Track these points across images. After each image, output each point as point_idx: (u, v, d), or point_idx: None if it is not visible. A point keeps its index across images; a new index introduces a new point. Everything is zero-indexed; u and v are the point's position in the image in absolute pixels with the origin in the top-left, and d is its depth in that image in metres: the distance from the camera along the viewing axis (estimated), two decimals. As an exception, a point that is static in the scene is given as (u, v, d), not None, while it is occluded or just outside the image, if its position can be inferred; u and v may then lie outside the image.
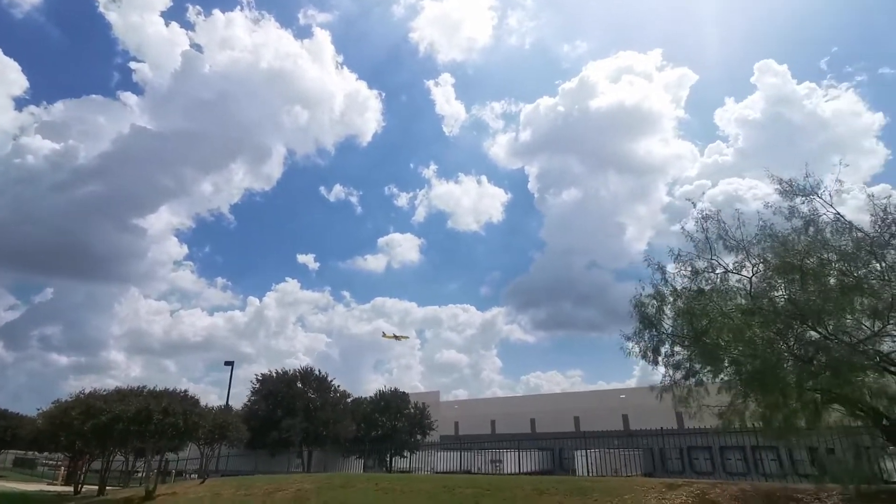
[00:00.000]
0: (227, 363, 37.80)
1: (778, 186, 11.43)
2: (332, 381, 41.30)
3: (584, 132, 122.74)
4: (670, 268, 12.51)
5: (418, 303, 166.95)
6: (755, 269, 11.18)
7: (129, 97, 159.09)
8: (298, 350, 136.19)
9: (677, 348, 11.91)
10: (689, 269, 11.77)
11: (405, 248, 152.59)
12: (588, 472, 28.91)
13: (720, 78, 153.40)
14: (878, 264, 9.74)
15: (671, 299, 11.97)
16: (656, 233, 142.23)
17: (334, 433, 38.22)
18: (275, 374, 40.06)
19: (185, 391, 22.61)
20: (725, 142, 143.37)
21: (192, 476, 38.12)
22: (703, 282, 11.60)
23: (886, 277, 9.37)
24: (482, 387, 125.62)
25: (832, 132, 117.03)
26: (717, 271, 11.62)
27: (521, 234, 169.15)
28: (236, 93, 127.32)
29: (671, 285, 12.37)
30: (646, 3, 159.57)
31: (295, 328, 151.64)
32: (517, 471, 30.77)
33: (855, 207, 11.93)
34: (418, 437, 42.19)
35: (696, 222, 11.87)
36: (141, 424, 19.31)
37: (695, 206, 11.92)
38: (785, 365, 9.06)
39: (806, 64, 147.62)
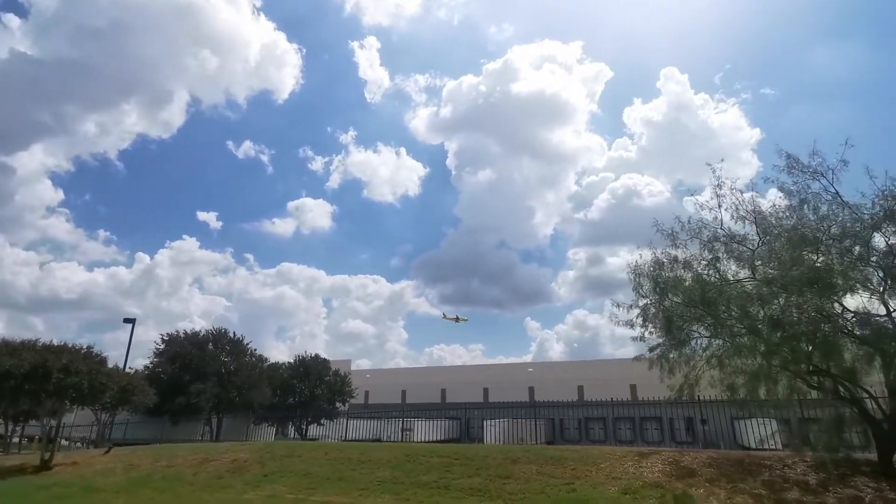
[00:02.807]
0: (126, 320, 33.67)
1: (783, 163, 11.54)
2: (247, 344, 38.35)
3: (504, 115, 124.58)
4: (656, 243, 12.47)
5: (327, 271, 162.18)
6: (763, 240, 11.25)
7: (11, 19, 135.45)
8: (194, 313, 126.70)
9: (675, 317, 11.76)
10: (706, 236, 11.64)
11: (317, 213, 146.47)
12: (495, 440, 29.55)
13: (631, 78, 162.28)
14: (883, 240, 10.17)
15: (679, 267, 11.81)
16: (562, 219, 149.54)
17: (248, 399, 35.58)
18: (182, 335, 36.31)
19: (90, 347, 19.34)
20: (631, 139, 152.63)
21: (77, 445, 33.72)
22: (714, 250, 11.55)
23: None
24: (386, 357, 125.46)
25: (718, 142, 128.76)
26: (723, 240, 11.60)
27: (436, 209, 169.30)
28: (133, 24, 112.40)
29: (672, 254, 12.23)
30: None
31: (191, 290, 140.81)
32: (427, 439, 30.80)
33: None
34: (338, 404, 40.74)
35: (712, 189, 11.75)
36: (37, 383, 16.09)
37: (714, 171, 11.69)
38: (835, 333, 9.12)
39: (703, 76, 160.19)
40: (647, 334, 13.03)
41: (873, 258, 10.44)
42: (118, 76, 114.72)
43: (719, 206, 11.61)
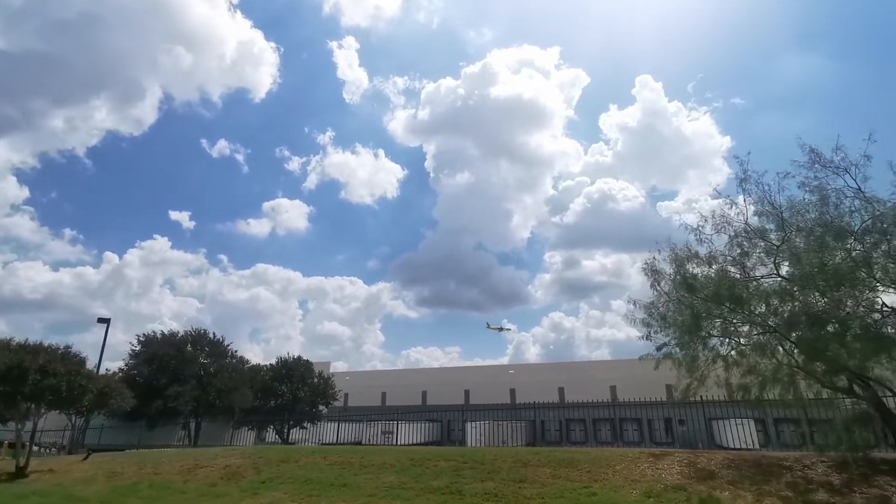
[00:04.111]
0: (100, 320, 32.16)
1: (805, 159, 11.39)
2: (228, 345, 37.05)
3: (482, 118, 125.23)
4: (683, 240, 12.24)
5: (303, 272, 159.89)
6: (787, 235, 11.07)
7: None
8: (164, 314, 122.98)
9: (700, 315, 11.49)
10: (733, 231, 11.40)
11: (293, 214, 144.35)
12: (477, 442, 29.20)
13: (607, 84, 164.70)
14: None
15: (702, 263, 11.58)
16: (538, 222, 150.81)
17: (229, 402, 34.27)
18: (159, 336, 34.81)
19: (68, 347, 18.14)
20: (607, 144, 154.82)
21: (47, 451, 31.92)
22: (740, 245, 11.34)
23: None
24: (363, 360, 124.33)
25: (690, 149, 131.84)
26: (749, 235, 11.38)
27: (414, 211, 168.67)
28: (104, 17, 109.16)
29: (693, 249, 12.02)
30: (551, 1, 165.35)
31: (162, 291, 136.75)
32: (408, 442, 30.31)
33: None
34: (321, 407, 39.73)
35: (739, 182, 11.52)
36: (12, 384, 14.95)
37: (740, 164, 11.48)
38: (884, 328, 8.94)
39: (677, 84, 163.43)
40: (653, 333, 12.82)
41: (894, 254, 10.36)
42: (88, 71, 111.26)
43: (744, 201, 11.43)
